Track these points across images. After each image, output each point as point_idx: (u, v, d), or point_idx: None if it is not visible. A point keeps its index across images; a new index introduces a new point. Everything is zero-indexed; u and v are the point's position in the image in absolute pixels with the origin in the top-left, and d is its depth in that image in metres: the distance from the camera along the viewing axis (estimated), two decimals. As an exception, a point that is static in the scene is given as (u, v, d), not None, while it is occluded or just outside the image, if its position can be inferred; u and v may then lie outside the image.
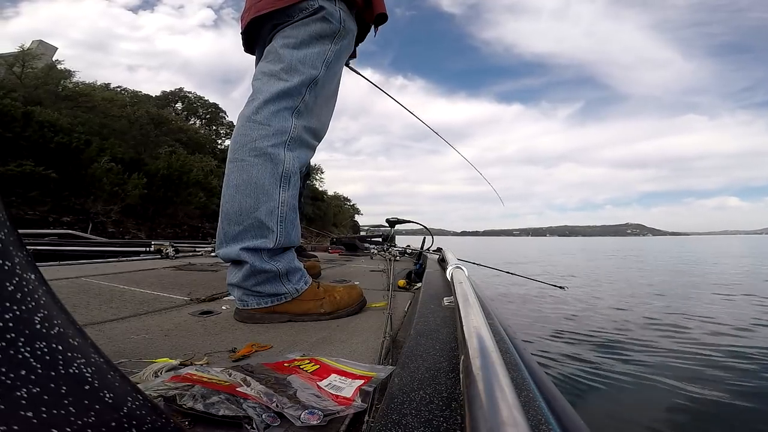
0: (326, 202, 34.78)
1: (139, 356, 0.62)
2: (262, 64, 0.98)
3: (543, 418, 0.34)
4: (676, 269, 9.53)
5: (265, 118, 0.91)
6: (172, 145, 16.78)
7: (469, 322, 0.46)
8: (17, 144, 9.00)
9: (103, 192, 10.33)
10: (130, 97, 20.35)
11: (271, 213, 0.89)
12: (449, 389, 0.40)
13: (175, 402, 0.40)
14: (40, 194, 8.99)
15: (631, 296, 5.12)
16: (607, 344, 2.93)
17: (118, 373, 0.24)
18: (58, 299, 0.23)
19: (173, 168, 13.18)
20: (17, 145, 8.98)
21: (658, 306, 4.37)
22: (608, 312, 4.09)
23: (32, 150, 9.23)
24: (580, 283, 6.49)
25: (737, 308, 4.15)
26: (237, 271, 0.90)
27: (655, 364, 2.48)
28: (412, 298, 1.19)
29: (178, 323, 0.86)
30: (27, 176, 8.71)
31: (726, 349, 2.68)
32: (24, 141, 9.15)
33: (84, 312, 0.91)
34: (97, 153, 10.89)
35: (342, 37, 1.01)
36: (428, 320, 0.69)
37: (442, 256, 1.85)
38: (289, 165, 0.92)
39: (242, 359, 0.64)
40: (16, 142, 9.00)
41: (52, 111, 11.11)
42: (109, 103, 15.91)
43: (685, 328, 3.33)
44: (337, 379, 0.51)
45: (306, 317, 0.92)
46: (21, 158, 8.83)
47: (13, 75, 13.26)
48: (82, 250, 2.33)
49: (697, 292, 5.41)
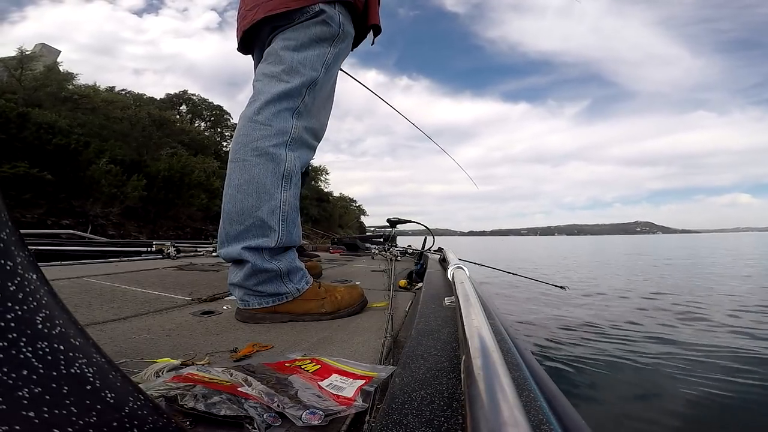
0: (332, 203, 34.73)
1: (140, 356, 0.62)
2: (263, 66, 0.99)
3: (544, 418, 0.34)
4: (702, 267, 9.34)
5: (266, 119, 0.92)
6: (175, 146, 16.76)
7: (470, 322, 0.46)
8: (12, 145, 8.91)
9: (101, 194, 10.29)
10: (134, 99, 20.35)
11: (273, 212, 0.89)
12: (450, 389, 0.40)
13: (176, 402, 0.40)
14: (34, 196, 8.87)
15: (633, 293, 5.11)
16: (608, 344, 2.92)
17: (119, 373, 0.24)
18: (60, 299, 0.23)
19: (174, 169, 13.15)
20: (12, 146, 8.89)
21: (664, 304, 4.36)
22: (609, 312, 4.08)
23: (28, 152, 9.14)
24: (583, 283, 6.49)
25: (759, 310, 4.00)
26: (238, 271, 0.90)
27: (657, 364, 2.48)
28: (413, 298, 1.19)
29: (179, 323, 0.86)
30: (21, 178, 8.59)
31: (741, 353, 2.64)
32: (19, 143, 9.05)
33: (85, 312, 0.92)
34: (96, 154, 10.82)
35: (341, 40, 1.01)
36: (429, 320, 0.69)
37: (443, 256, 1.85)
38: (291, 165, 0.93)
39: (243, 359, 0.64)
40: (11, 143, 8.90)
41: (51, 113, 11.06)
42: (110, 105, 15.92)
43: (692, 327, 3.31)
44: (338, 379, 0.51)
45: (307, 317, 0.92)
46: (16, 160, 8.72)
47: (13, 77, 13.28)
48: (83, 250, 2.33)
49: (708, 292, 5.32)
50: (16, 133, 9.14)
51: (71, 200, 9.84)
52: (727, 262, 10.94)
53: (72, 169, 9.90)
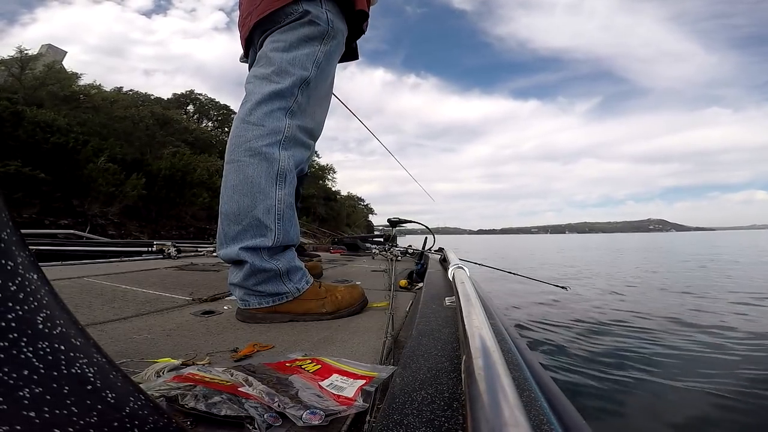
0: (339, 202, 34.62)
1: (141, 356, 0.62)
2: (255, 69, 1.00)
3: (545, 418, 0.34)
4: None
5: (258, 119, 0.93)
6: (178, 145, 16.70)
7: (471, 322, 0.46)
8: (6, 144, 8.74)
9: (99, 193, 10.20)
10: (139, 98, 20.29)
11: (269, 211, 0.90)
12: (451, 389, 0.40)
13: (177, 402, 0.40)
14: (26, 195, 8.69)
15: (635, 291, 5.11)
16: (608, 344, 2.92)
17: (120, 373, 0.24)
18: (61, 299, 0.23)
19: (176, 168, 13.08)
20: (6, 145, 8.72)
21: (671, 305, 4.34)
22: (611, 312, 4.08)
23: (23, 150, 8.98)
24: (588, 281, 6.48)
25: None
26: (238, 271, 0.90)
27: (659, 364, 2.47)
28: (414, 298, 1.19)
29: (180, 323, 0.86)
30: (12, 177, 8.39)
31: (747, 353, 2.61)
32: (13, 141, 8.89)
33: (86, 312, 0.92)
34: (94, 153, 10.68)
35: (332, 37, 1.01)
36: (430, 320, 0.69)
37: (444, 255, 1.85)
38: (285, 163, 0.93)
39: (244, 359, 0.64)
40: (5, 142, 8.71)
41: (50, 112, 10.98)
42: (111, 104, 15.89)
43: (699, 329, 3.29)
44: (338, 379, 0.51)
45: (307, 317, 0.92)
46: (9, 159, 8.53)
47: (12, 77, 13.27)
48: (84, 250, 2.34)
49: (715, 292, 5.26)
50: (11, 131, 9.03)
51: (71, 199, 9.78)
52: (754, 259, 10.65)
53: (69, 167, 9.79)
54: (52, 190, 9.36)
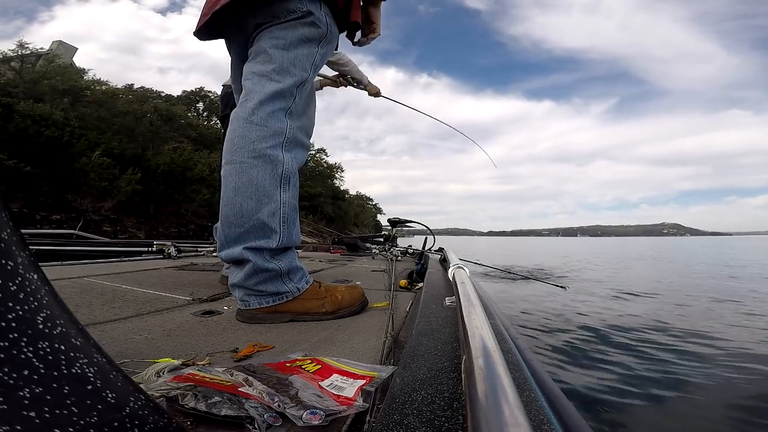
0: (347, 201, 34.47)
1: (141, 356, 0.62)
2: (253, 65, 0.98)
3: (545, 418, 0.34)
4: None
5: (261, 119, 0.91)
6: (181, 141, 16.58)
7: (471, 322, 0.46)
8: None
9: (91, 187, 9.99)
10: (147, 94, 20.21)
11: (273, 214, 0.89)
12: (451, 389, 0.40)
13: (177, 402, 0.40)
14: (8, 189, 8.26)
15: (637, 293, 5.11)
16: (608, 344, 2.92)
17: (120, 373, 0.24)
18: (61, 299, 0.23)
19: (176, 164, 12.91)
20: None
21: (669, 308, 4.34)
22: (611, 313, 4.08)
23: (11, 143, 8.71)
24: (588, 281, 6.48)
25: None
26: (239, 271, 0.90)
27: (659, 364, 2.47)
28: (414, 298, 1.19)
29: (180, 323, 0.86)
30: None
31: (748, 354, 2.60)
32: (3, 134, 8.65)
33: (86, 312, 0.92)
34: (89, 147, 10.39)
35: (328, 41, 1.01)
36: (430, 320, 0.69)
37: (444, 256, 1.85)
38: (288, 166, 0.92)
39: (244, 359, 0.64)
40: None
41: (46, 105, 10.81)
42: (113, 99, 15.81)
43: (700, 332, 3.27)
44: (338, 379, 0.51)
45: (307, 316, 0.92)
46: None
47: (13, 71, 13.19)
48: (84, 250, 2.34)
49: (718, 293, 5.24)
50: (2, 124, 8.86)
51: (64, 194, 9.58)
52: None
53: (61, 162, 9.55)
54: (38, 183, 9.13)
